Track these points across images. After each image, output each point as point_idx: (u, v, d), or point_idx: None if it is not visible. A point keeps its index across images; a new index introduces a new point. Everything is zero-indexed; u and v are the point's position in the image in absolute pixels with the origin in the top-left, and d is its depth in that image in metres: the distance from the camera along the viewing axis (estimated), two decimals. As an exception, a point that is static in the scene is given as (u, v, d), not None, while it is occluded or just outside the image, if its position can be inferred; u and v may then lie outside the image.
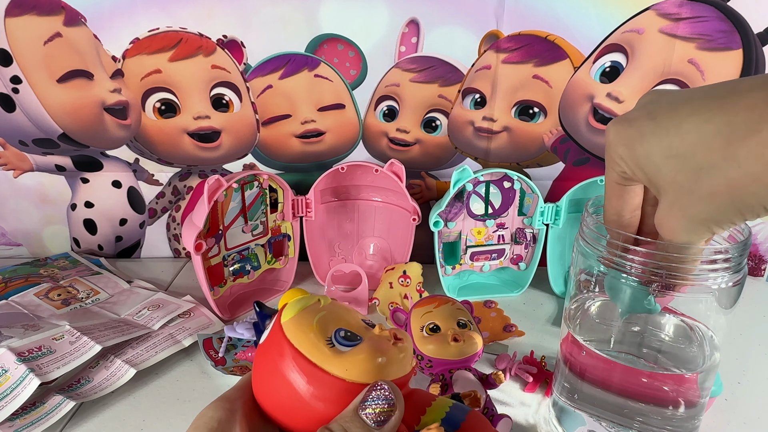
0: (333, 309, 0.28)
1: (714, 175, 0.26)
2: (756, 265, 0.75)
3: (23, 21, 0.65)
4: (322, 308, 0.28)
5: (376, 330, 0.28)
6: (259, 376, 0.27)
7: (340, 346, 0.26)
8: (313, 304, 0.28)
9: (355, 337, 0.27)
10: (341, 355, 0.26)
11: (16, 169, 0.74)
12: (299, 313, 0.27)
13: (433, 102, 0.71)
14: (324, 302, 0.29)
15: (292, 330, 0.27)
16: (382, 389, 0.24)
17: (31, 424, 0.45)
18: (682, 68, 0.65)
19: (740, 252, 0.35)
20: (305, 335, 0.26)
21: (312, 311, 0.28)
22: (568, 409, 0.44)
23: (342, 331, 0.27)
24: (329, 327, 0.27)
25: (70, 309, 0.63)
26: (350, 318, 0.28)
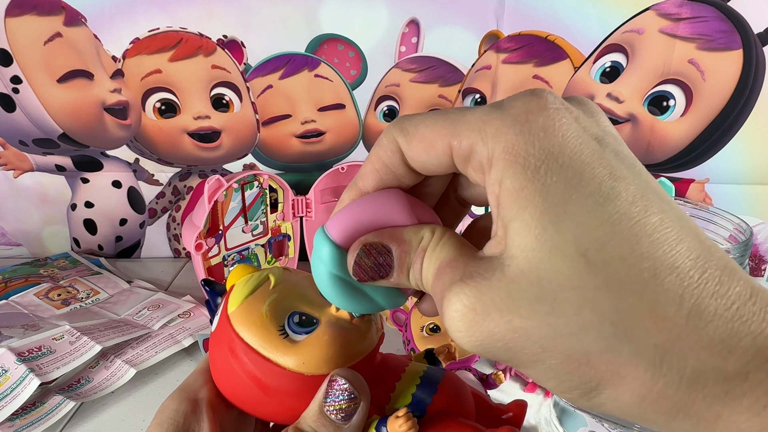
0: (285, 288, 0.25)
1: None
2: (756, 265, 0.75)
3: (23, 21, 0.65)
4: (273, 289, 0.25)
5: (332, 308, 0.24)
6: (215, 368, 0.25)
7: (294, 335, 0.23)
8: (263, 284, 0.25)
9: (311, 321, 0.24)
10: (296, 346, 0.23)
11: (16, 169, 0.74)
12: (247, 299, 0.24)
13: (433, 102, 0.71)
14: (275, 279, 0.25)
15: (240, 321, 0.24)
16: (340, 384, 0.22)
17: (31, 424, 0.45)
18: (682, 68, 0.65)
19: (741, 252, 0.35)
20: (255, 327, 0.23)
21: (261, 295, 0.24)
22: (570, 410, 0.44)
23: (296, 315, 0.24)
24: (281, 312, 0.24)
25: (70, 309, 0.63)
26: (306, 293, 0.25)
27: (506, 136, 0.17)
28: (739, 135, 0.68)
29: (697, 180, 0.71)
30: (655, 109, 0.67)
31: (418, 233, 0.19)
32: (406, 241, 0.19)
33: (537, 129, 0.16)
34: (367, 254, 0.19)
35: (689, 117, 0.67)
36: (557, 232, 0.16)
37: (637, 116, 0.68)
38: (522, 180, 0.16)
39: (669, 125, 0.68)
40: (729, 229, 0.38)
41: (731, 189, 0.71)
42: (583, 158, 0.16)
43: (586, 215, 0.16)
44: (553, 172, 0.16)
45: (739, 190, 0.71)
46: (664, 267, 0.15)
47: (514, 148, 0.16)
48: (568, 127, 0.17)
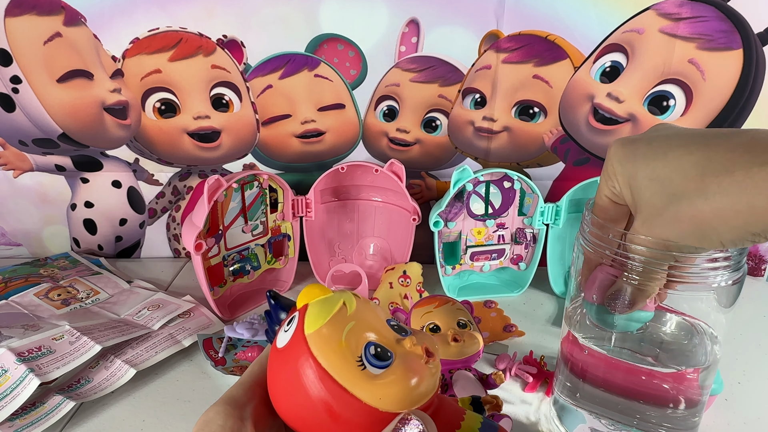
0: (361, 316, 0.25)
1: (683, 203, 0.29)
2: (756, 265, 0.75)
3: (23, 21, 0.65)
4: (350, 316, 0.24)
5: (407, 344, 0.25)
6: (278, 384, 0.25)
7: (371, 368, 0.23)
8: (340, 310, 0.25)
9: (386, 355, 0.24)
10: (373, 380, 0.23)
11: (16, 169, 0.74)
12: (326, 323, 0.24)
13: (433, 102, 0.71)
14: (350, 307, 0.25)
15: (319, 345, 0.23)
16: (414, 423, 0.22)
17: (31, 424, 0.45)
18: (682, 68, 0.65)
19: (740, 251, 0.35)
20: (334, 354, 0.23)
21: (340, 321, 0.24)
22: (569, 407, 0.44)
23: (372, 347, 0.24)
24: (359, 341, 0.24)
25: (70, 309, 0.63)
26: (379, 325, 0.25)
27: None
28: (739, 135, 0.68)
29: (697, 180, 0.71)
30: (655, 108, 0.67)
31: None
32: None
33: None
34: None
35: (689, 117, 0.67)
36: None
37: (637, 116, 0.68)
38: None
39: (669, 125, 0.68)
40: (729, 228, 0.38)
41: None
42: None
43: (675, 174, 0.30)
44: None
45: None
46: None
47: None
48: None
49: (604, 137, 0.69)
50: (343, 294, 0.26)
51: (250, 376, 0.26)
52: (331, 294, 0.25)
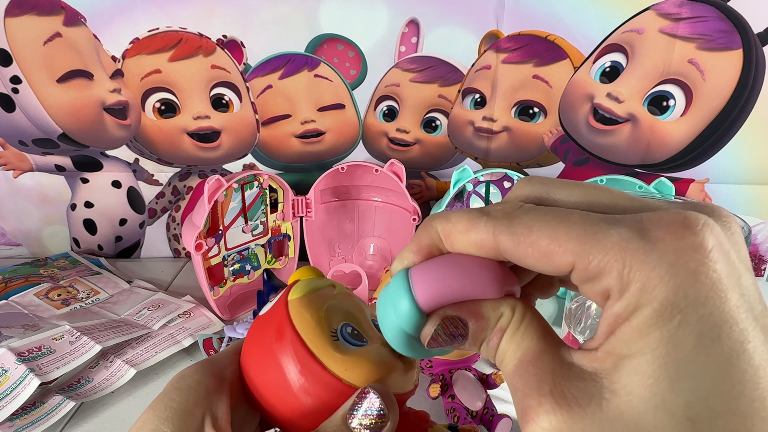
0: (345, 300, 0.25)
1: None
2: (756, 265, 0.75)
3: (23, 21, 0.65)
4: (335, 295, 0.25)
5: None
6: (250, 348, 0.25)
7: (344, 342, 0.23)
8: (326, 288, 0.25)
9: (362, 338, 0.24)
10: (343, 353, 0.23)
11: (16, 169, 0.74)
12: (309, 294, 0.24)
13: (433, 102, 0.71)
14: (338, 289, 0.25)
15: (298, 310, 0.24)
16: (372, 398, 0.21)
17: (31, 424, 0.45)
18: (682, 68, 0.65)
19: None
20: (310, 320, 0.23)
21: (323, 296, 0.24)
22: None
23: (350, 327, 0.24)
24: (337, 318, 0.24)
25: (70, 309, 0.63)
26: (361, 315, 0.25)
27: (649, 275, 0.15)
28: (739, 135, 0.68)
29: (697, 180, 0.72)
30: (655, 109, 0.67)
31: (497, 309, 0.18)
32: (484, 317, 0.18)
33: (686, 274, 0.15)
34: (444, 328, 0.19)
35: (689, 117, 0.67)
36: (671, 391, 0.14)
37: (637, 116, 0.68)
38: (652, 323, 0.15)
39: (669, 125, 0.68)
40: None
41: (731, 189, 0.71)
42: (724, 313, 0.14)
43: (708, 381, 0.14)
44: (688, 324, 0.14)
45: (738, 190, 0.71)
46: None
47: (654, 290, 0.15)
48: (720, 273, 0.15)
49: (604, 137, 0.69)
50: (335, 281, 0.26)
51: (235, 345, 0.26)
52: (323, 277, 0.26)
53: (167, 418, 0.21)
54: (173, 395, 0.22)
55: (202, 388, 0.22)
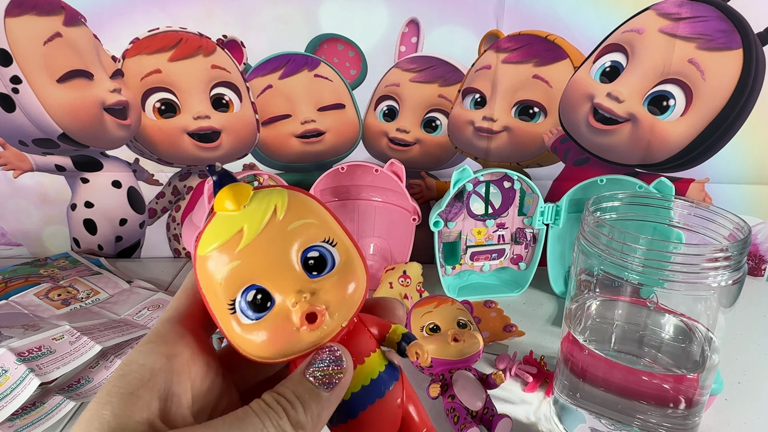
0: (256, 249, 0.21)
1: None
2: (756, 265, 0.75)
3: (23, 21, 0.65)
4: (240, 251, 0.21)
5: (288, 300, 0.21)
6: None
7: (241, 315, 0.21)
8: (234, 237, 0.21)
9: (264, 305, 0.21)
10: (240, 327, 0.22)
11: (16, 169, 0.74)
12: (216, 251, 0.21)
13: (433, 102, 0.71)
14: (247, 235, 0.21)
15: (201, 273, 0.22)
16: (332, 349, 0.22)
17: (31, 424, 0.45)
18: (682, 68, 0.65)
19: (740, 250, 0.35)
20: (211, 290, 0.22)
21: (228, 251, 0.21)
22: (569, 407, 0.44)
23: (253, 292, 0.21)
24: (240, 282, 0.21)
25: (70, 309, 0.63)
26: (278, 263, 0.21)
27: None
28: (739, 135, 0.68)
29: (697, 180, 0.71)
30: (655, 108, 0.67)
31: None
32: None
33: None
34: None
35: (689, 117, 0.67)
36: None
37: (637, 116, 0.68)
38: None
39: (669, 125, 0.68)
40: (729, 228, 0.39)
41: (731, 188, 0.71)
42: None
43: None
44: None
45: (738, 190, 0.71)
46: None
47: None
48: None
49: (604, 137, 0.69)
50: (249, 212, 0.22)
51: (183, 292, 0.24)
52: (235, 211, 0.22)
53: (107, 401, 0.20)
54: (116, 381, 0.21)
55: (146, 370, 0.21)
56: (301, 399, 0.21)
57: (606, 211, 0.44)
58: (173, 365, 0.22)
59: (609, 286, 0.41)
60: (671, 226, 0.44)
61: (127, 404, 0.20)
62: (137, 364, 0.21)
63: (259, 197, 0.22)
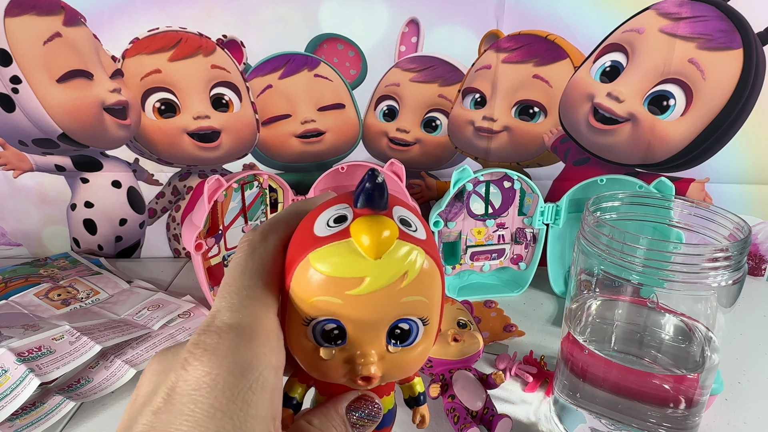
0: (359, 302, 0.21)
1: None
2: (756, 265, 0.75)
3: (23, 21, 0.65)
4: (350, 296, 0.20)
5: (361, 353, 0.22)
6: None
7: (310, 333, 0.21)
8: (352, 279, 0.20)
9: (335, 340, 0.22)
10: (302, 338, 0.22)
11: (16, 169, 0.74)
12: (325, 276, 0.20)
13: (433, 102, 0.71)
14: (366, 287, 0.20)
15: (300, 275, 0.21)
16: (377, 407, 0.24)
17: (31, 424, 0.45)
18: (682, 68, 0.65)
19: (740, 250, 0.35)
20: (302, 294, 0.21)
21: (337, 287, 0.20)
22: (569, 407, 0.44)
23: (332, 325, 0.21)
24: (328, 312, 0.21)
25: (70, 309, 0.63)
26: (370, 317, 0.21)
27: None
28: (739, 134, 0.68)
29: (698, 179, 0.71)
30: (655, 108, 0.67)
31: None
32: None
33: None
34: None
35: (689, 116, 0.67)
36: None
37: (638, 116, 0.68)
38: None
39: (669, 125, 0.68)
40: (729, 227, 0.39)
41: (731, 188, 0.71)
42: None
43: None
44: None
45: (739, 190, 0.71)
46: None
47: None
48: None
49: (605, 137, 0.69)
50: (380, 266, 0.20)
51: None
52: (368, 258, 0.20)
53: (245, 427, 0.17)
54: (250, 397, 0.17)
55: (270, 387, 0.18)
56: None
57: (606, 211, 0.44)
58: (280, 381, 0.20)
59: (609, 286, 0.41)
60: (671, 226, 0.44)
61: (258, 429, 0.17)
62: (260, 374, 0.18)
63: (398, 254, 0.20)
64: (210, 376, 0.17)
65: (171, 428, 0.16)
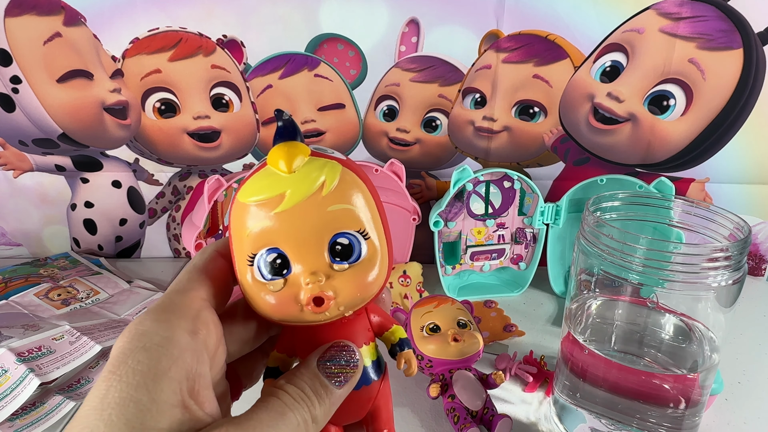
0: (288, 219, 0.21)
1: None
2: (756, 265, 0.75)
3: (23, 21, 0.65)
4: (277, 214, 0.21)
5: (300, 278, 0.21)
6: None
7: (257, 271, 0.22)
8: (274, 197, 0.21)
9: (280, 271, 0.22)
10: (252, 282, 0.22)
11: (16, 169, 0.74)
12: (254, 204, 0.21)
13: (433, 102, 0.71)
14: (288, 201, 0.21)
15: (235, 217, 0.22)
16: (350, 350, 0.23)
17: (31, 424, 0.45)
18: (682, 68, 0.65)
19: (740, 250, 0.35)
20: (240, 234, 0.22)
21: (264, 209, 0.21)
22: (569, 407, 0.44)
23: (273, 254, 0.21)
24: (264, 241, 0.21)
25: (70, 309, 0.63)
26: (305, 239, 0.21)
27: None
28: (739, 134, 0.68)
29: (698, 179, 0.71)
30: (655, 108, 0.67)
31: None
32: None
33: None
34: None
35: (689, 116, 0.67)
36: None
37: (638, 116, 0.68)
38: None
39: (669, 125, 0.68)
40: (729, 227, 0.39)
41: (731, 188, 0.71)
42: None
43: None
44: None
45: (739, 190, 0.71)
46: None
47: None
48: None
49: (605, 137, 0.69)
50: (297, 179, 0.21)
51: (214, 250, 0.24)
52: (282, 174, 0.21)
53: (138, 383, 0.18)
54: (140, 356, 0.18)
55: (173, 346, 0.19)
56: (317, 394, 0.22)
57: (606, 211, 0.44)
58: (196, 343, 0.20)
59: (609, 286, 0.41)
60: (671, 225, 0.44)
61: (161, 386, 0.18)
62: (160, 336, 0.19)
63: (312, 166, 0.22)
64: (116, 349, 0.19)
65: (85, 399, 0.18)
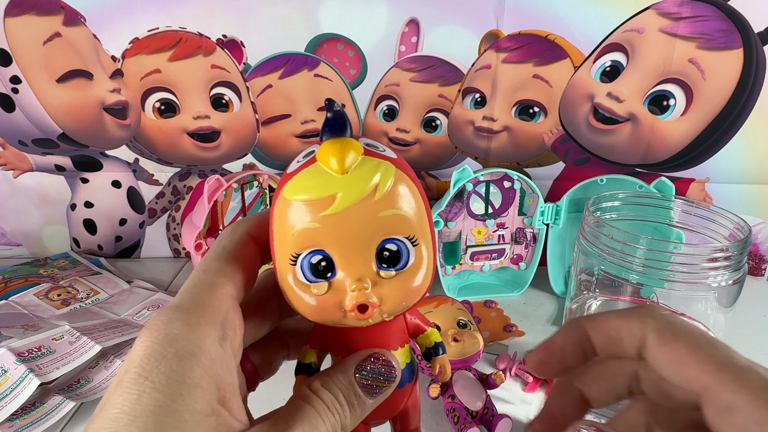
0: (337, 222, 0.20)
1: None
2: (756, 265, 0.75)
3: (23, 21, 0.65)
4: (326, 216, 0.20)
5: (346, 284, 0.21)
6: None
7: (299, 271, 0.21)
8: (324, 199, 0.20)
9: (324, 274, 0.21)
10: (294, 283, 0.21)
11: (16, 169, 0.74)
12: (301, 203, 0.20)
13: (433, 101, 0.71)
14: (340, 203, 0.20)
15: (279, 213, 0.21)
16: (388, 364, 0.22)
17: (31, 424, 0.45)
18: (682, 68, 0.65)
19: (740, 250, 0.35)
20: (283, 231, 0.21)
21: (312, 210, 0.20)
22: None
23: (319, 256, 0.21)
24: (310, 242, 0.21)
25: (70, 309, 0.63)
26: (352, 242, 0.21)
27: None
28: (739, 134, 0.68)
29: (698, 179, 0.71)
30: (655, 108, 0.67)
31: None
32: None
33: None
34: None
35: (689, 116, 0.67)
36: None
37: (638, 116, 0.68)
38: None
39: (669, 125, 0.68)
40: (729, 227, 0.39)
41: (731, 188, 0.71)
42: None
43: None
44: None
45: (739, 190, 0.71)
46: None
47: None
48: None
49: (604, 137, 0.69)
50: (349, 181, 0.20)
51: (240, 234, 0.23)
52: (333, 173, 0.20)
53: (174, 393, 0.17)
54: (173, 364, 0.18)
55: (205, 355, 0.18)
56: (350, 403, 0.21)
57: (606, 211, 0.44)
58: (225, 351, 0.19)
59: (609, 286, 0.41)
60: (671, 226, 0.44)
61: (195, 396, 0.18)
62: (192, 344, 0.18)
63: (366, 167, 0.20)
64: (143, 348, 0.19)
65: (110, 399, 0.18)
